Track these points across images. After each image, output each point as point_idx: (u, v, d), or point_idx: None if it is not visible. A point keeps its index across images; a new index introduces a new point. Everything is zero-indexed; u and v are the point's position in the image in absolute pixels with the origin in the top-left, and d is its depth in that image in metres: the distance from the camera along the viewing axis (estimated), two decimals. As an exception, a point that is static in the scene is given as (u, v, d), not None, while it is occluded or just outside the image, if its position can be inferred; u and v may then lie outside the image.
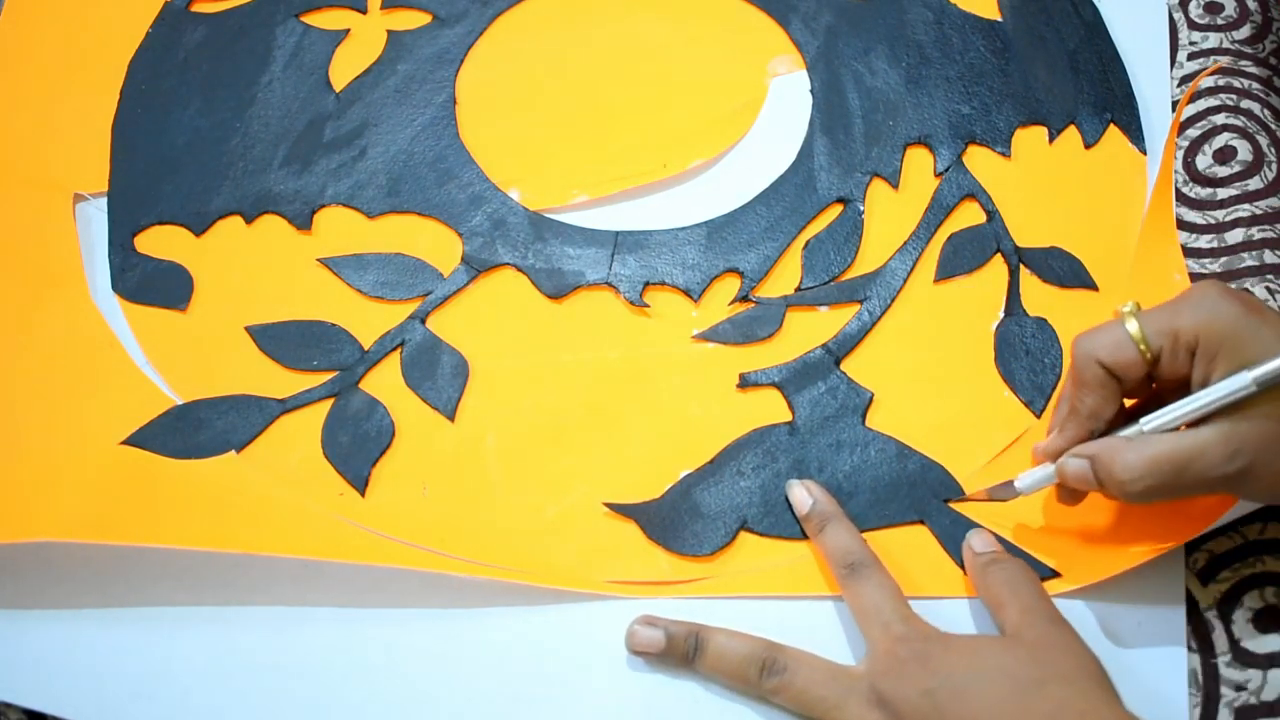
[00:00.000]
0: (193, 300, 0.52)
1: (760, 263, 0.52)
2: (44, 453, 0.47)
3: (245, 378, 0.49)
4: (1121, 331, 0.40)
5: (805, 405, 0.48)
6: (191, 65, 0.58)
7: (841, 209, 0.53)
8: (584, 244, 0.53)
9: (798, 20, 0.59)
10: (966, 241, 0.52)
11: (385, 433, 0.48)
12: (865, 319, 0.50)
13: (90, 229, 0.54)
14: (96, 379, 0.49)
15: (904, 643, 0.40)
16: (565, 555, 0.45)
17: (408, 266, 0.52)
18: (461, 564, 0.44)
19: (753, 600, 0.44)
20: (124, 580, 0.44)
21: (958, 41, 0.58)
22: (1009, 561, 0.42)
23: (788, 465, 0.47)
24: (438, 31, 0.59)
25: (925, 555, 0.44)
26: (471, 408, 0.48)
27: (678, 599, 0.44)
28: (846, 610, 0.43)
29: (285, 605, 0.44)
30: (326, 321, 0.51)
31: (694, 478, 0.47)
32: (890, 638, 0.40)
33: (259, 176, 0.55)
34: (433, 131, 0.56)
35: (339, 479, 0.47)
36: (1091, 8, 0.59)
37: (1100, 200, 0.53)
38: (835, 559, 0.43)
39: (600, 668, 0.43)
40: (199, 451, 0.47)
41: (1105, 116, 0.55)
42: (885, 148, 0.55)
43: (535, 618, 0.44)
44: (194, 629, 0.44)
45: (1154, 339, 0.39)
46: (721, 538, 0.45)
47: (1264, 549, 0.44)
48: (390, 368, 0.49)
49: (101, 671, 0.43)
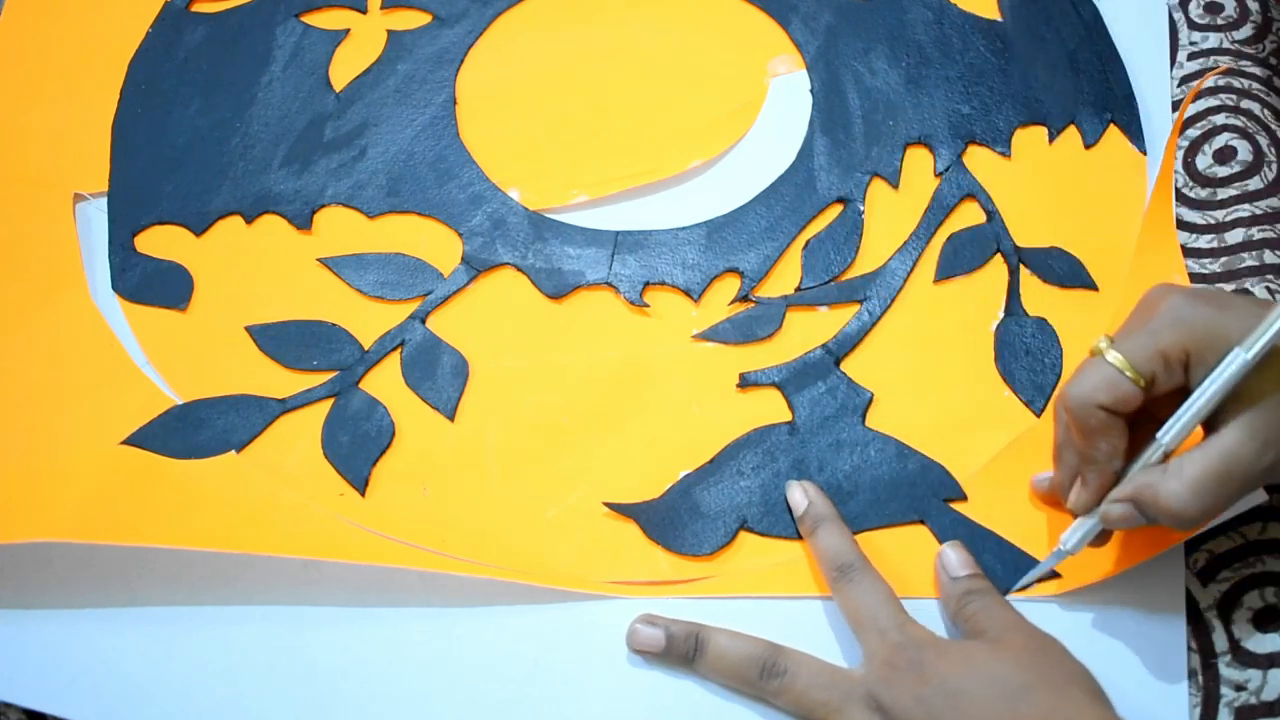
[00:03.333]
0: (193, 300, 0.52)
1: (760, 262, 0.52)
2: (44, 453, 0.47)
3: (245, 377, 0.49)
4: (1109, 369, 0.39)
5: (805, 405, 0.48)
6: (191, 65, 0.58)
7: (841, 209, 0.53)
8: (584, 244, 0.53)
9: (798, 20, 0.59)
10: (966, 241, 0.52)
11: (385, 433, 0.48)
12: (865, 319, 0.50)
13: (90, 229, 0.54)
14: (96, 379, 0.49)
15: (899, 650, 0.40)
16: (565, 555, 0.45)
17: (408, 266, 0.52)
18: (462, 564, 0.44)
19: (753, 600, 0.44)
20: (124, 580, 0.44)
21: (958, 41, 0.58)
22: (984, 593, 0.42)
23: (787, 465, 0.47)
24: (438, 31, 0.59)
25: (924, 556, 0.44)
26: (471, 407, 0.49)
27: (678, 599, 0.44)
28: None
29: (285, 605, 0.44)
30: (326, 321, 0.51)
31: (694, 477, 0.47)
32: (886, 645, 0.40)
33: (259, 176, 0.55)
34: (433, 131, 0.56)
35: (339, 479, 0.47)
36: (1091, 8, 0.58)
37: (1100, 200, 0.53)
38: (826, 561, 0.43)
39: (600, 668, 0.43)
40: (199, 451, 0.47)
41: (1105, 116, 0.55)
42: (885, 147, 0.55)
43: (535, 618, 0.44)
44: (194, 629, 0.44)
45: (1144, 366, 0.39)
46: (721, 537, 0.45)
47: (1264, 549, 0.44)
48: (390, 368, 0.49)
49: (101, 671, 0.43)
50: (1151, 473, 0.40)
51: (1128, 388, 0.39)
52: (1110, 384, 0.39)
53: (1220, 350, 0.38)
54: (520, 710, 0.42)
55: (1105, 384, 0.39)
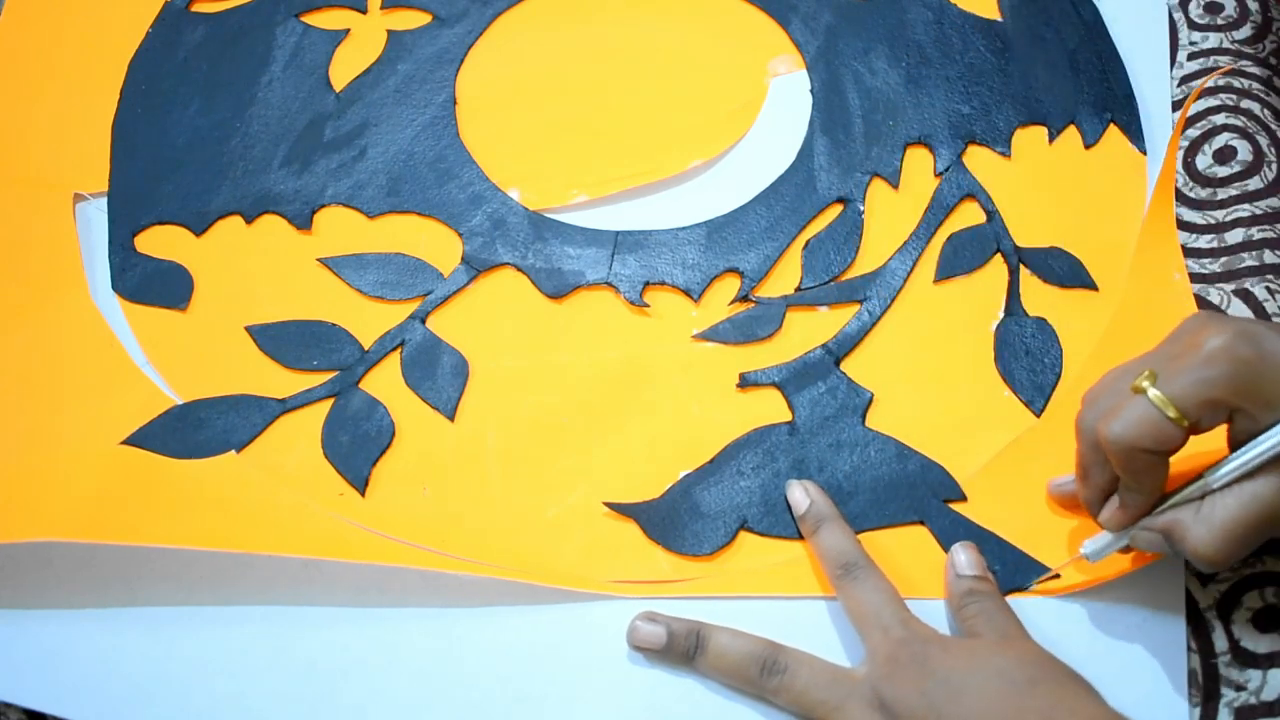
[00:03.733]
0: (193, 300, 0.52)
1: (760, 262, 0.52)
2: (44, 453, 0.47)
3: (245, 378, 0.49)
4: (1155, 413, 0.38)
5: (805, 405, 0.48)
6: (191, 65, 0.59)
7: (841, 209, 0.53)
8: (584, 244, 0.53)
9: (798, 20, 0.59)
10: (966, 241, 0.52)
11: (385, 432, 0.48)
12: (865, 319, 0.50)
13: (90, 229, 0.54)
14: (96, 379, 0.49)
15: (903, 646, 0.40)
16: (566, 555, 0.45)
17: (408, 266, 0.52)
18: (462, 563, 0.44)
19: (753, 600, 0.44)
20: (123, 580, 0.44)
21: (958, 41, 0.58)
22: (986, 596, 0.42)
23: (787, 465, 0.47)
24: (438, 31, 0.59)
25: (924, 555, 0.44)
26: (471, 407, 0.49)
27: (678, 598, 0.44)
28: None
29: (285, 605, 0.44)
30: (326, 321, 0.51)
31: (694, 477, 0.47)
32: (890, 641, 0.40)
33: (259, 176, 0.55)
34: (433, 131, 0.56)
35: (339, 479, 0.47)
36: (1091, 7, 0.59)
37: (1100, 200, 0.53)
38: (829, 560, 0.43)
39: (600, 668, 0.43)
40: (199, 451, 0.47)
41: (1105, 116, 0.55)
42: (885, 147, 0.55)
43: (535, 617, 0.44)
44: (194, 629, 0.44)
45: (1192, 412, 0.38)
46: (721, 537, 0.45)
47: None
48: (390, 368, 0.49)
49: (101, 671, 0.43)
50: (1187, 510, 0.39)
51: (1172, 432, 0.38)
52: (1155, 429, 0.38)
53: (1265, 399, 0.37)
54: (520, 710, 0.42)
55: (1151, 429, 0.38)
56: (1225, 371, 0.37)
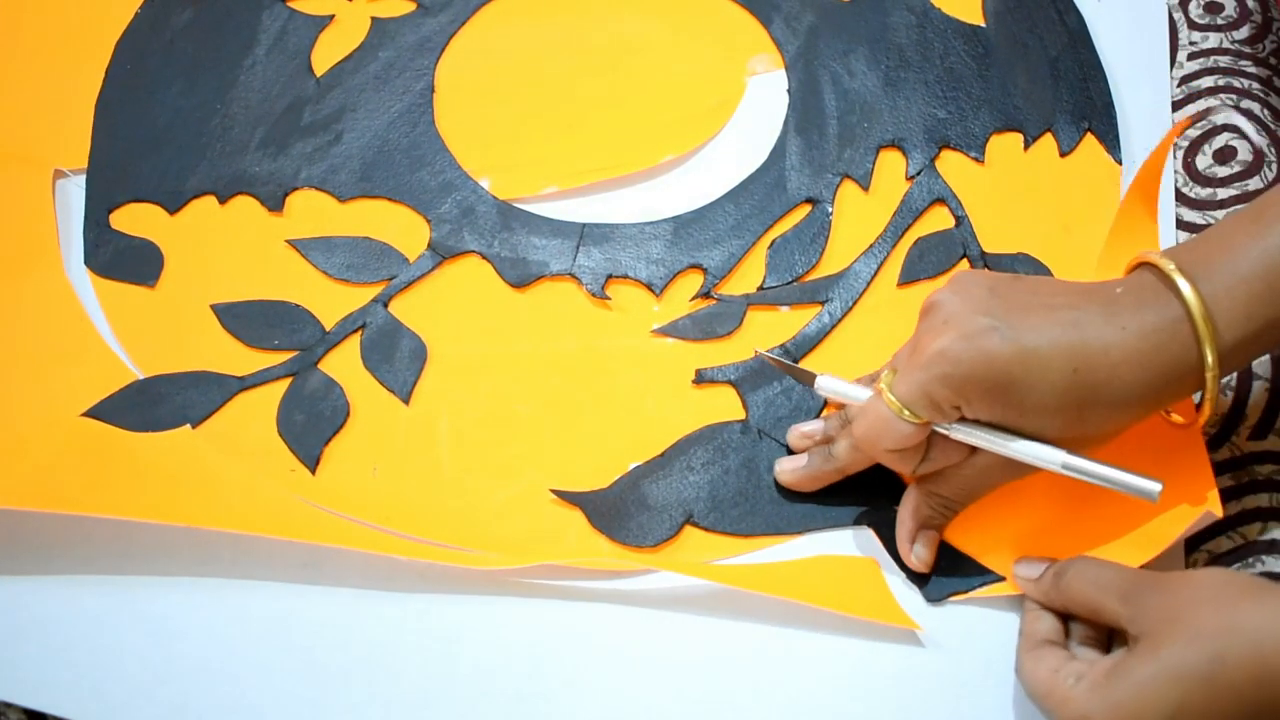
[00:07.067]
0: (162, 277, 0.52)
1: (724, 260, 0.52)
2: (7, 422, 0.48)
3: (208, 355, 0.50)
4: (887, 413, 0.40)
5: (759, 405, 0.48)
6: (177, 46, 0.59)
7: (810, 209, 0.53)
8: (550, 235, 0.53)
9: (780, 19, 0.59)
10: (933, 246, 0.52)
11: (340, 413, 0.48)
12: (825, 320, 0.50)
13: (69, 205, 0.55)
14: (63, 352, 0.50)
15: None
16: (508, 538, 0.45)
17: (374, 250, 0.52)
18: (403, 542, 0.45)
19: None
20: (123, 580, 0.44)
21: (939, 45, 0.57)
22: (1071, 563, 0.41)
23: (737, 463, 0.47)
24: (421, 19, 0.60)
25: (869, 564, 0.44)
26: (427, 392, 0.49)
27: (622, 578, 0.44)
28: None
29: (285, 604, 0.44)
30: (290, 302, 0.51)
31: (643, 470, 0.47)
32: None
33: (235, 158, 0.55)
34: (409, 118, 0.56)
35: (291, 456, 0.47)
36: (1077, 15, 0.58)
37: (1071, 208, 0.52)
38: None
39: (600, 668, 0.43)
40: (156, 425, 0.48)
41: (1083, 125, 0.54)
42: (858, 149, 0.55)
43: (535, 617, 0.44)
44: (194, 629, 0.44)
45: (921, 412, 0.40)
46: (666, 530, 0.45)
47: (1264, 549, 0.44)
48: (350, 349, 0.50)
49: (101, 671, 0.43)
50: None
51: (908, 430, 0.40)
52: (889, 426, 0.41)
53: (986, 393, 0.39)
54: (520, 709, 0.42)
55: (885, 427, 0.41)
56: (943, 373, 0.39)
